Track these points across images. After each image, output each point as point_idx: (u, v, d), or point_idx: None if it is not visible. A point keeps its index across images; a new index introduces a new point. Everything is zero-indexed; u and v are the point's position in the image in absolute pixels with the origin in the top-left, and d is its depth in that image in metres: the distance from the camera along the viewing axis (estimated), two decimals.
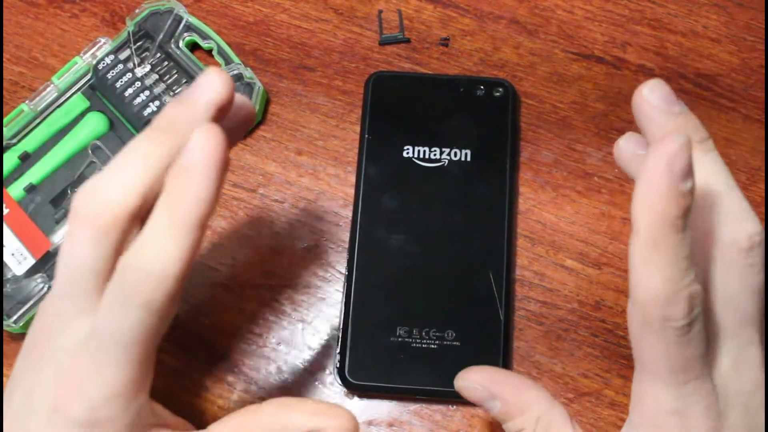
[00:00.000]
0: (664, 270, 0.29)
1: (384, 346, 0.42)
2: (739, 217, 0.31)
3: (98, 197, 0.30)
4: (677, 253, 0.29)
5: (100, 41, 0.48)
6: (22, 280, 0.44)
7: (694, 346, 0.30)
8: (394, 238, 0.44)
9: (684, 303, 0.29)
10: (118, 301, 0.30)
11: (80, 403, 0.31)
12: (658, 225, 0.28)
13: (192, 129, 0.29)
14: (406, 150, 0.46)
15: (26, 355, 0.34)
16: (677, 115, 0.32)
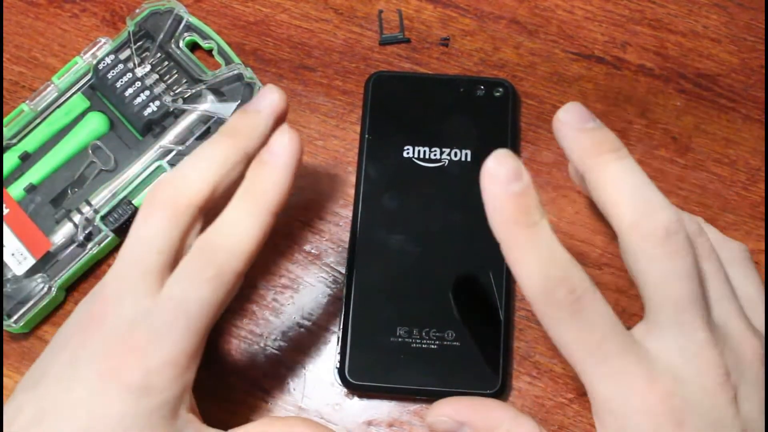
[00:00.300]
0: (531, 264, 0.32)
1: (384, 347, 0.42)
2: (655, 208, 0.33)
3: (175, 185, 0.35)
4: (536, 244, 0.32)
5: (100, 41, 0.48)
6: (22, 280, 0.44)
7: (597, 323, 0.32)
8: (394, 238, 0.44)
9: (562, 286, 0.32)
10: (193, 272, 0.34)
11: (137, 368, 0.33)
12: (505, 227, 0.32)
13: (256, 134, 0.36)
14: (406, 150, 0.46)
15: (72, 329, 0.36)
16: (590, 130, 0.34)
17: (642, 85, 0.48)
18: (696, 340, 0.33)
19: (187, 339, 0.34)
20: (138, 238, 0.35)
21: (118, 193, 0.45)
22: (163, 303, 0.34)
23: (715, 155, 0.47)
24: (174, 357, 0.33)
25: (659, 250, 0.33)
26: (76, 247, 0.44)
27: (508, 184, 0.32)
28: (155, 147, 0.46)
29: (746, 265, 0.39)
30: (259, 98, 0.37)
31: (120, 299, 0.34)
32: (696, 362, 0.33)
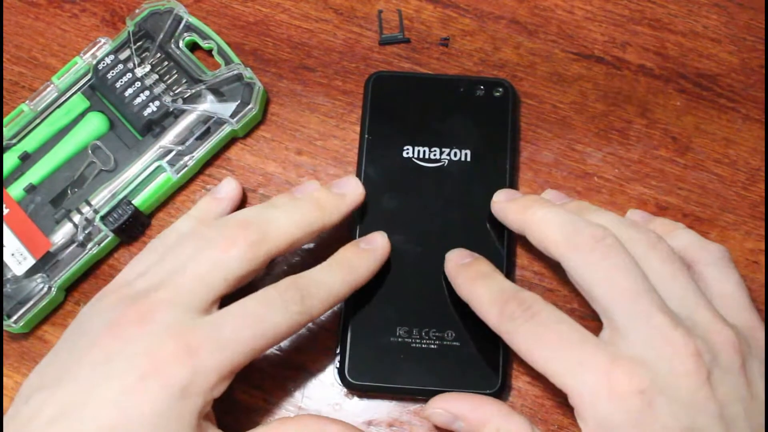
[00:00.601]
0: (485, 296, 0.39)
1: (384, 347, 0.42)
2: (579, 227, 0.38)
3: (266, 229, 0.39)
4: (489, 285, 0.40)
5: (100, 41, 0.48)
6: (22, 280, 0.44)
7: (551, 324, 0.36)
8: (394, 238, 0.44)
9: (512, 301, 0.38)
10: (279, 299, 0.37)
11: (186, 367, 0.34)
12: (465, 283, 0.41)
13: (337, 214, 0.41)
14: (406, 150, 0.46)
15: (101, 329, 0.36)
16: (517, 199, 0.42)
17: (642, 85, 0.48)
18: (654, 324, 0.35)
19: (244, 354, 0.36)
20: (212, 259, 0.37)
21: (117, 193, 0.45)
22: (236, 314, 0.36)
23: (715, 155, 0.47)
24: (225, 365, 0.35)
25: (593, 255, 0.37)
26: (76, 247, 0.44)
27: (462, 260, 0.42)
28: (155, 147, 0.46)
29: (724, 264, 0.40)
30: (346, 184, 0.43)
31: (171, 305, 0.36)
32: (659, 345, 0.34)
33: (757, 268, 0.45)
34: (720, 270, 0.40)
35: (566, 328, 0.36)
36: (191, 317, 0.36)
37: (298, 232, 0.40)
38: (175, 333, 0.35)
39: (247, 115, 0.47)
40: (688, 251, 0.40)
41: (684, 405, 0.33)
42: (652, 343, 0.34)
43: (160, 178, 0.45)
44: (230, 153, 0.48)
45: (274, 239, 0.39)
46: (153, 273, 0.38)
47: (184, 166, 0.46)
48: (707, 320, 0.36)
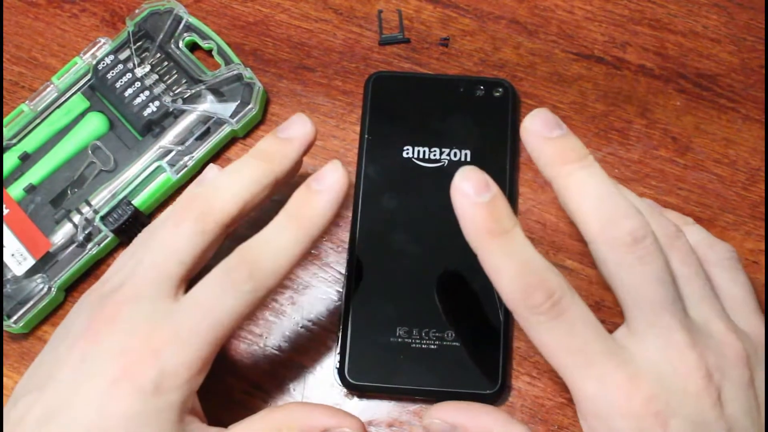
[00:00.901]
0: (507, 271, 0.33)
1: (384, 347, 0.42)
2: (620, 216, 0.34)
3: (208, 199, 0.36)
4: (510, 251, 0.33)
5: (100, 41, 0.48)
6: (22, 281, 0.44)
7: (578, 326, 0.33)
8: (394, 238, 0.44)
9: (539, 290, 0.32)
10: (230, 282, 0.35)
11: (152, 369, 0.33)
12: (478, 237, 0.33)
13: (287, 161, 0.38)
14: (405, 150, 0.46)
15: (79, 330, 0.36)
16: (555, 139, 0.35)
17: (642, 85, 0.48)
18: (674, 342, 0.34)
19: (208, 345, 0.35)
20: (163, 244, 0.36)
21: (117, 193, 0.45)
22: (190, 307, 0.35)
23: (715, 155, 0.47)
24: (191, 360, 0.34)
25: (628, 257, 0.34)
26: (76, 248, 0.44)
27: (477, 196, 0.33)
28: (155, 147, 0.46)
29: (732, 265, 0.40)
30: (291, 126, 0.39)
31: (136, 301, 0.35)
32: (676, 365, 0.34)
33: (757, 268, 0.45)
34: (728, 271, 0.39)
35: (591, 334, 0.34)
36: (157, 310, 0.35)
37: (246, 192, 0.37)
38: (140, 334, 0.34)
39: (247, 115, 0.47)
40: (697, 249, 0.39)
41: (696, 424, 0.33)
42: (669, 360, 0.34)
43: (160, 179, 0.45)
44: (230, 153, 0.48)
45: (221, 206, 0.36)
46: (124, 268, 0.37)
47: (184, 166, 0.46)
48: (721, 331, 0.35)
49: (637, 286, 0.34)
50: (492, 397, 0.42)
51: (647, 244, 0.34)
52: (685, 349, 0.34)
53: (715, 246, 0.40)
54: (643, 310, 0.34)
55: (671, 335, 0.34)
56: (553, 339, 0.34)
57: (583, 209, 0.34)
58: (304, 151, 0.39)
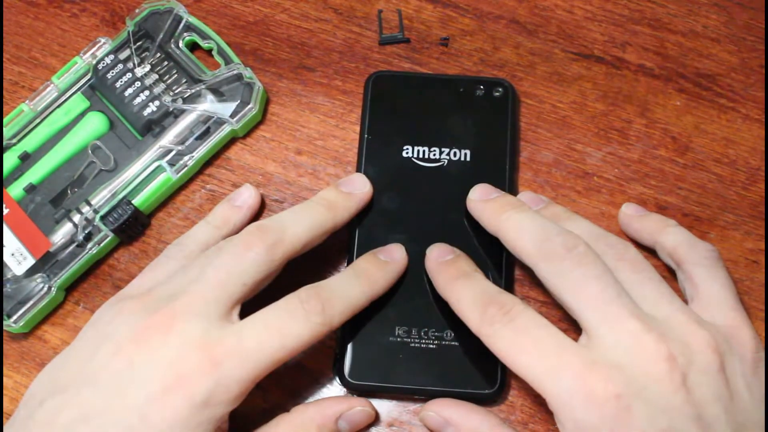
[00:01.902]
0: (467, 298, 0.39)
1: (383, 346, 0.42)
2: (551, 235, 0.38)
3: (280, 232, 0.39)
4: (471, 285, 0.39)
5: (100, 41, 0.48)
6: (21, 280, 0.44)
7: (530, 328, 0.36)
8: (394, 237, 0.44)
9: (493, 305, 0.37)
10: (300, 309, 0.37)
11: (209, 380, 0.34)
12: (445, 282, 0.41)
13: (347, 214, 0.43)
14: (405, 150, 0.46)
15: (124, 336, 0.36)
16: (494, 198, 0.42)
17: (642, 85, 0.48)
18: (627, 329, 0.35)
19: (266, 365, 0.36)
20: (230, 264, 0.38)
21: (117, 193, 0.45)
22: (258, 326, 0.37)
23: (715, 155, 0.47)
24: (248, 377, 0.35)
25: (564, 263, 0.37)
26: (76, 247, 0.44)
27: (443, 257, 0.42)
28: (155, 147, 0.46)
29: (712, 264, 0.40)
30: (353, 182, 0.44)
31: (193, 316, 0.36)
32: (633, 349, 0.34)
33: (757, 268, 0.45)
34: (708, 270, 0.40)
35: (544, 333, 0.36)
36: (213, 326, 0.36)
37: (310, 233, 0.40)
38: (199, 344, 0.35)
39: (247, 115, 0.47)
40: (678, 250, 0.41)
41: (661, 409, 0.33)
42: (626, 348, 0.35)
43: (160, 178, 0.45)
44: (230, 153, 0.48)
45: (290, 241, 0.39)
46: (174, 281, 0.38)
47: (184, 165, 0.46)
48: (682, 323, 0.36)
49: (579, 288, 0.37)
50: (491, 397, 0.42)
51: (580, 250, 0.37)
52: (640, 335, 0.35)
53: (696, 246, 0.41)
54: (591, 308, 0.36)
55: (623, 324, 0.35)
56: (509, 342, 0.36)
57: (519, 240, 0.39)
58: (361, 207, 0.44)
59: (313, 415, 0.39)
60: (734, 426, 0.34)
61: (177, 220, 0.47)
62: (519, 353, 0.36)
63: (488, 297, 0.38)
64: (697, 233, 0.45)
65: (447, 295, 0.40)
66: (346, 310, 0.39)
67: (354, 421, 0.40)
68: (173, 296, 0.37)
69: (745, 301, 0.44)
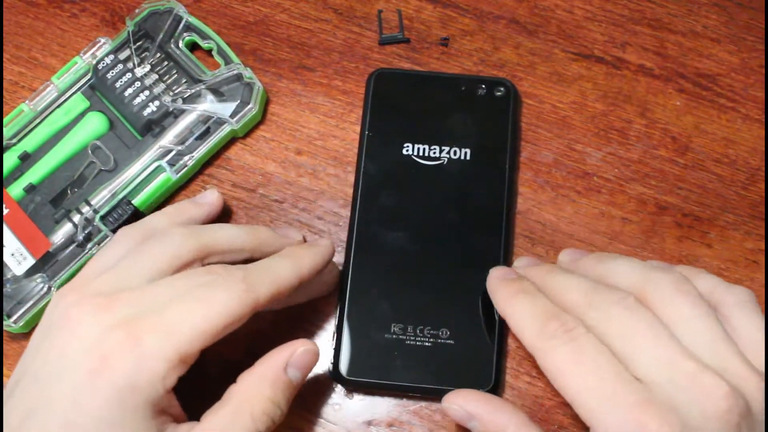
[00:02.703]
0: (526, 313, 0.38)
1: (378, 343, 0.42)
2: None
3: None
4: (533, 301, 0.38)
5: (100, 41, 0.48)
6: (21, 280, 0.44)
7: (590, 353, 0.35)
8: (392, 234, 0.44)
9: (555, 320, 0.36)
10: (221, 278, 0.36)
11: (131, 357, 0.33)
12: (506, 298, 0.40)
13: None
14: (406, 147, 0.46)
15: (55, 327, 0.35)
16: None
17: (642, 85, 0.48)
18: (683, 369, 0.33)
19: (192, 339, 0.34)
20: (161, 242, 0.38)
21: (117, 193, 0.45)
22: (182, 300, 0.35)
23: (715, 155, 0.47)
24: (172, 353, 0.34)
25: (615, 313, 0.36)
26: (76, 247, 0.44)
27: (508, 275, 0.41)
28: (155, 147, 0.46)
29: (751, 308, 0.38)
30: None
31: (123, 299, 0.35)
32: (690, 388, 0.33)
33: (757, 268, 0.45)
34: (747, 313, 0.37)
35: (605, 360, 0.34)
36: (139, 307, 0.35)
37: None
38: (120, 323, 0.34)
39: (247, 115, 0.47)
40: (714, 294, 0.38)
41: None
42: (683, 388, 0.33)
43: (160, 178, 0.45)
44: (230, 153, 0.48)
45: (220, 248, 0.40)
46: (117, 269, 0.37)
47: (184, 165, 0.46)
48: (738, 367, 0.34)
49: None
50: None
51: (629, 302, 0.36)
52: (698, 374, 0.33)
53: (733, 290, 0.38)
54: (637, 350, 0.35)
55: (679, 365, 0.34)
56: (564, 360, 0.35)
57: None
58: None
59: (260, 374, 0.37)
60: None
61: None
62: (574, 375, 0.34)
63: (551, 313, 0.37)
64: (697, 233, 0.45)
65: (505, 309, 0.39)
66: (272, 281, 0.37)
67: (302, 364, 0.38)
68: (115, 289, 0.36)
69: None
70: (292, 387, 0.37)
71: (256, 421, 0.35)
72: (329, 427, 0.43)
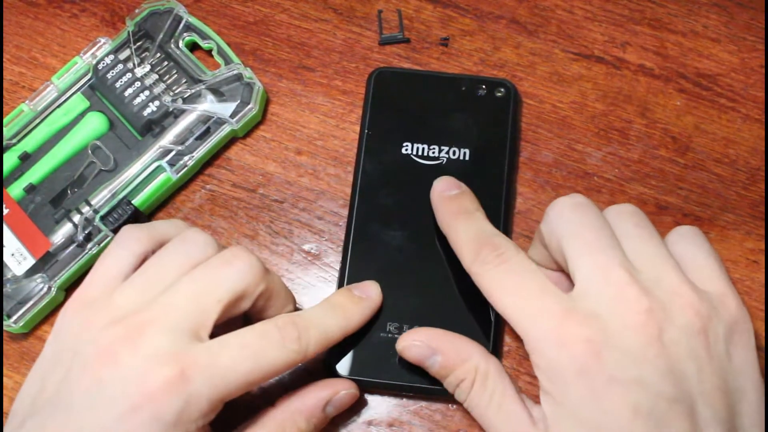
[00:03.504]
0: (464, 236, 0.40)
1: (373, 341, 0.42)
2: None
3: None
4: (470, 223, 0.41)
5: (100, 41, 0.48)
6: (21, 280, 0.44)
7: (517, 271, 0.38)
8: (389, 234, 0.44)
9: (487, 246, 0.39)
10: (277, 334, 0.36)
11: (179, 397, 0.33)
12: (447, 217, 0.42)
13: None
14: (405, 146, 0.46)
15: (90, 355, 0.34)
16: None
17: (642, 85, 0.48)
18: (612, 278, 0.35)
19: (238, 386, 0.35)
20: (208, 278, 0.37)
21: (117, 193, 0.45)
22: (234, 344, 0.35)
23: (715, 155, 0.47)
24: (218, 395, 0.34)
25: (566, 214, 0.38)
26: (76, 247, 0.44)
27: (448, 191, 0.42)
28: (155, 147, 0.46)
29: (695, 237, 0.39)
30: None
31: (163, 330, 0.34)
32: (614, 299, 0.35)
33: (757, 268, 0.45)
34: (691, 241, 0.39)
35: (531, 277, 0.37)
36: (183, 341, 0.34)
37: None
38: (168, 359, 0.34)
39: (247, 115, 0.47)
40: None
41: (632, 358, 0.34)
42: (608, 298, 0.35)
43: (160, 178, 0.45)
44: (230, 153, 0.48)
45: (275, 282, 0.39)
46: (141, 289, 0.37)
47: (184, 165, 0.46)
48: (673, 282, 0.36)
49: (576, 232, 0.37)
50: None
51: (584, 203, 0.38)
52: (624, 286, 0.35)
53: (678, 228, 0.40)
54: (582, 255, 0.36)
55: (609, 272, 0.35)
56: (495, 281, 0.38)
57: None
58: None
59: (299, 407, 0.38)
60: (709, 386, 0.34)
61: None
62: (504, 294, 0.37)
63: (485, 238, 0.39)
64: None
65: (446, 230, 0.41)
66: (322, 341, 0.38)
67: (340, 405, 0.40)
68: (141, 307, 0.35)
69: (745, 301, 0.44)
70: (325, 422, 0.40)
71: None
72: (329, 428, 0.43)
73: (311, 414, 0.38)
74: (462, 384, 0.38)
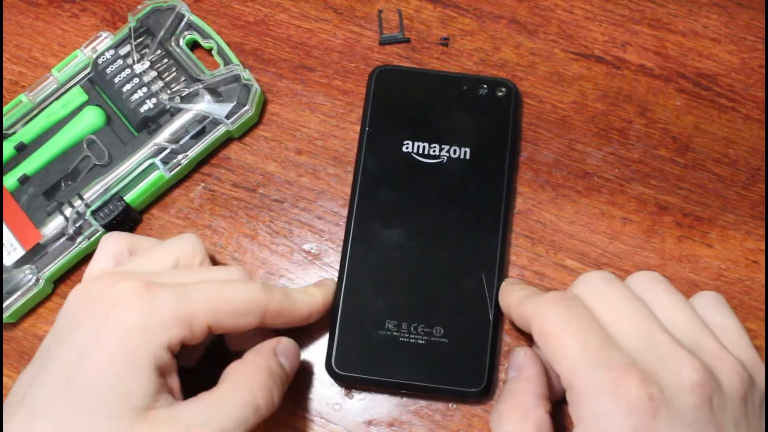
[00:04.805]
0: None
1: (372, 339, 0.42)
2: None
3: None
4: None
5: (101, 35, 0.48)
6: (10, 271, 0.44)
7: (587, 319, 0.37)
8: (389, 231, 0.44)
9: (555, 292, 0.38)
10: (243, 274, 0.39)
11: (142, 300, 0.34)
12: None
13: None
14: (405, 145, 0.45)
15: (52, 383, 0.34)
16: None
17: (642, 85, 0.48)
18: (659, 341, 0.35)
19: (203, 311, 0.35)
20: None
21: (110, 188, 0.45)
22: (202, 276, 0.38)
23: (715, 155, 0.47)
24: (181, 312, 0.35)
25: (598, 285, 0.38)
26: (66, 241, 0.44)
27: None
28: (149, 144, 0.46)
29: (721, 305, 0.39)
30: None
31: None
32: (667, 359, 0.34)
33: (757, 268, 0.44)
34: (718, 309, 0.39)
35: (596, 327, 0.36)
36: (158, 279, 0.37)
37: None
38: (134, 278, 0.35)
39: (243, 117, 0.46)
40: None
41: (686, 420, 0.33)
42: (660, 356, 0.34)
43: (153, 176, 0.45)
44: (230, 153, 0.48)
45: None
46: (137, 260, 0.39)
47: (178, 164, 0.46)
48: (713, 348, 0.36)
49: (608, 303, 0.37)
50: (477, 396, 0.41)
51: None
52: (673, 347, 0.35)
53: (702, 293, 0.40)
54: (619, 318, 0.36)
55: (655, 337, 0.35)
56: (564, 320, 0.36)
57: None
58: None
59: (255, 354, 0.38)
60: None
61: (169, 218, 0.46)
62: (563, 335, 0.36)
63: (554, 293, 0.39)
64: (697, 233, 0.45)
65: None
66: (284, 302, 0.38)
67: (288, 354, 0.39)
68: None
69: (745, 300, 0.44)
70: (285, 375, 0.38)
71: (256, 394, 0.36)
72: (329, 427, 0.42)
73: (268, 359, 0.38)
74: None
